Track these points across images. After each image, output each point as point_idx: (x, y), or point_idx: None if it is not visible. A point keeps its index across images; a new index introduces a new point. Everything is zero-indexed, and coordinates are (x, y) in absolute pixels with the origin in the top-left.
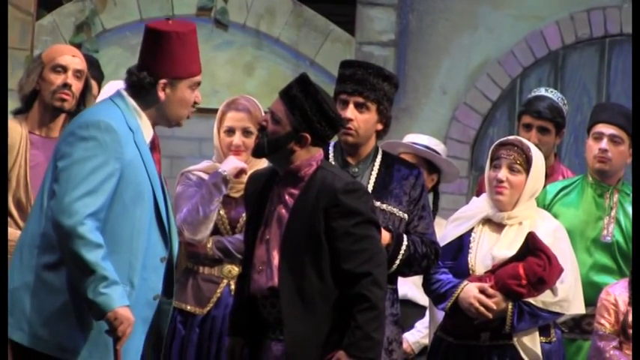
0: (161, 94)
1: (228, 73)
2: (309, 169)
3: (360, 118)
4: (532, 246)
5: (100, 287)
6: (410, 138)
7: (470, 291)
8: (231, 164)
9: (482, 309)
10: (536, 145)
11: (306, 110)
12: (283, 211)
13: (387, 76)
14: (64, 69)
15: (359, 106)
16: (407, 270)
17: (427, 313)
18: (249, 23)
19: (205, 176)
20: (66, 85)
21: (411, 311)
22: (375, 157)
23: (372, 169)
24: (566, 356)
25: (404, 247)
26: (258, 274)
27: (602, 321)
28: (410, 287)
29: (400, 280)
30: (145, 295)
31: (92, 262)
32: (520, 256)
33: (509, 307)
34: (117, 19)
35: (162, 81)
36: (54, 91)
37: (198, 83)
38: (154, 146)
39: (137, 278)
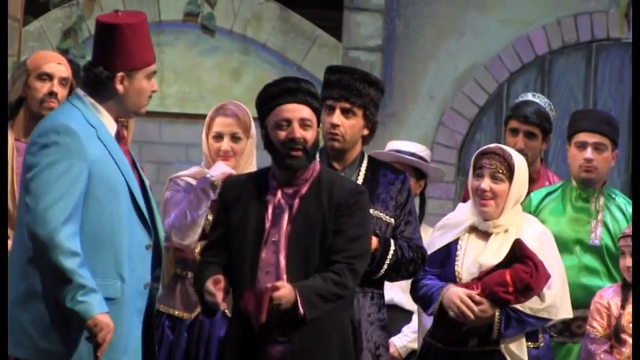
0: (119, 87)
1: (215, 79)
2: (313, 171)
3: (346, 124)
4: (519, 253)
5: (78, 295)
6: (394, 145)
7: (454, 292)
8: (219, 169)
9: (463, 307)
10: (523, 150)
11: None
12: (291, 211)
13: (373, 81)
14: (50, 77)
15: (345, 112)
16: (394, 275)
17: (415, 317)
18: (235, 29)
19: (194, 182)
20: (52, 94)
21: (398, 316)
22: (362, 162)
23: (359, 175)
24: None
25: (391, 252)
26: (266, 275)
27: (595, 324)
28: (397, 292)
29: (387, 285)
30: (136, 286)
31: (69, 270)
32: (507, 262)
33: (497, 313)
34: None
35: (120, 74)
36: (41, 99)
37: (154, 72)
38: (119, 138)
39: (126, 271)
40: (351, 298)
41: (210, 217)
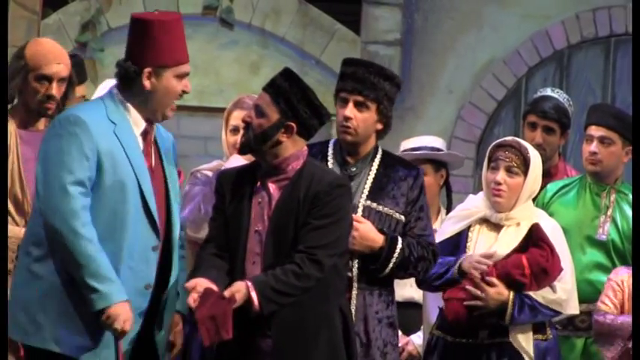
0: (146, 83)
1: (234, 72)
2: (296, 164)
3: (359, 117)
4: (535, 236)
5: (94, 283)
6: (404, 145)
7: (472, 256)
8: (235, 163)
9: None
10: (541, 145)
11: (291, 98)
12: (272, 203)
13: (388, 75)
14: (49, 80)
15: (358, 105)
16: (402, 273)
17: None
18: (254, 22)
19: (212, 175)
20: (50, 97)
21: (418, 313)
22: (375, 156)
23: (371, 169)
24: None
25: (398, 251)
26: (253, 265)
27: (606, 300)
28: (417, 290)
29: (407, 283)
30: (135, 284)
31: (85, 256)
32: (523, 247)
33: (511, 296)
34: (122, 18)
35: (147, 69)
36: (39, 100)
37: (187, 73)
38: (145, 138)
39: (123, 267)
40: (340, 287)
41: None
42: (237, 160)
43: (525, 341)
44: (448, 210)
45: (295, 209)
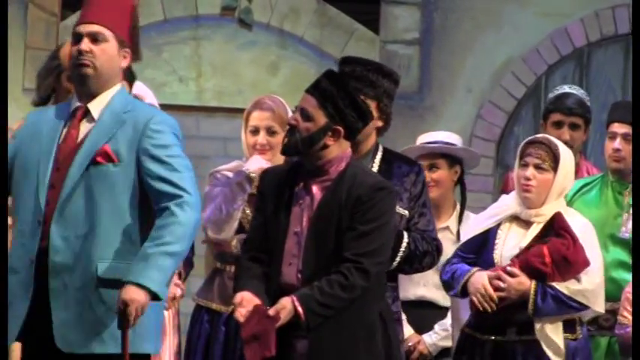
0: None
1: (253, 73)
2: (339, 165)
3: None
4: (557, 225)
5: None
6: (421, 139)
7: (479, 276)
8: (255, 163)
9: (481, 299)
10: (568, 142)
11: (339, 103)
12: (313, 205)
13: (387, 72)
14: None
15: None
16: (407, 267)
17: (448, 314)
18: (273, 23)
19: (232, 175)
20: None
21: (430, 312)
22: (375, 153)
23: (372, 166)
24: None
25: (404, 245)
26: (289, 267)
27: (625, 314)
28: (429, 288)
29: (418, 281)
30: (23, 259)
31: None
32: (544, 237)
33: (533, 286)
34: (141, 19)
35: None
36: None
37: (79, 34)
38: (75, 115)
39: (16, 244)
40: (379, 292)
41: (248, 211)
42: (257, 161)
43: (556, 337)
44: (462, 208)
45: (336, 212)
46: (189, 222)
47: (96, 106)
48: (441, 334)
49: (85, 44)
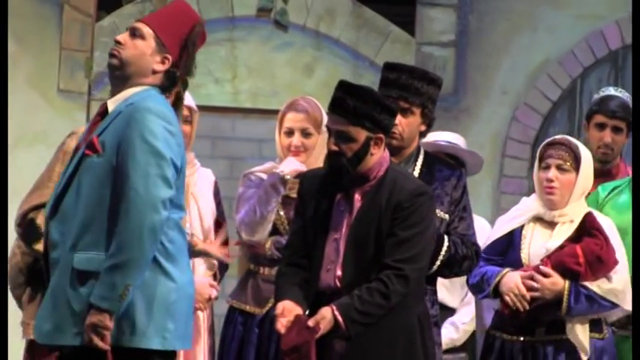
0: None
1: (288, 74)
2: (380, 170)
3: (404, 122)
4: (589, 225)
5: None
6: (429, 137)
7: (511, 276)
8: (289, 165)
9: (515, 298)
10: (609, 145)
11: (372, 114)
12: (352, 211)
13: (431, 79)
14: None
15: (403, 111)
16: (447, 271)
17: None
18: (308, 24)
19: (266, 177)
20: None
21: (446, 314)
22: (417, 157)
23: (414, 169)
24: (617, 354)
25: (444, 249)
26: (327, 273)
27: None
28: (439, 289)
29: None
30: None
31: None
32: (577, 237)
33: (566, 286)
34: None
35: None
36: None
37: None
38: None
39: None
40: (418, 295)
41: (282, 213)
42: (292, 163)
43: (583, 336)
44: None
45: (377, 218)
46: (134, 226)
47: (113, 102)
48: (448, 327)
49: (121, 36)
